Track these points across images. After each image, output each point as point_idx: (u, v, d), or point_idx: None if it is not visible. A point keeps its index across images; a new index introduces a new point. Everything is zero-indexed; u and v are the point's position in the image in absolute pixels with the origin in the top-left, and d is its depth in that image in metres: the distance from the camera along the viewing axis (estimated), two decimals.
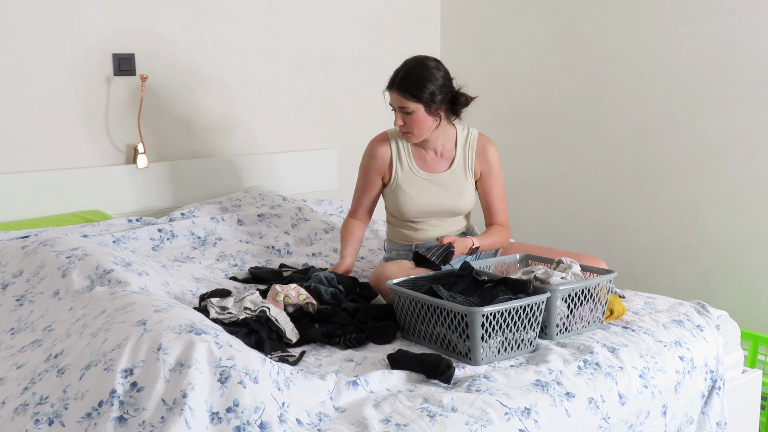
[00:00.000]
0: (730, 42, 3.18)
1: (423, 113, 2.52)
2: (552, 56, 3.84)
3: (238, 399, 1.54)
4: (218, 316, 2.02)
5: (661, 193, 3.48)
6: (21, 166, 3.00)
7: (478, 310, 1.90)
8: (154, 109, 3.30)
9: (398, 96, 2.51)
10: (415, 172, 2.64)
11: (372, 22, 3.99)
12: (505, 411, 1.71)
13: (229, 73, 3.52)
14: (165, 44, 3.30)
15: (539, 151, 3.96)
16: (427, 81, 2.50)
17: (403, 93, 2.50)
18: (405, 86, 2.50)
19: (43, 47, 3.00)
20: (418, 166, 2.65)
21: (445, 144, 2.66)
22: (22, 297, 2.13)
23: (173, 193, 3.34)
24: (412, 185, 2.63)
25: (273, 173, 3.64)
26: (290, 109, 3.74)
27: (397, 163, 2.64)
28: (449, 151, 2.67)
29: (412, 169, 2.64)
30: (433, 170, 2.66)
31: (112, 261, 2.16)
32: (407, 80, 2.51)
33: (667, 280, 3.47)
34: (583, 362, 1.96)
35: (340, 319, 2.14)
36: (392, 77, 2.55)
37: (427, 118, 2.54)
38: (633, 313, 2.33)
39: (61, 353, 1.74)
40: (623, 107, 3.58)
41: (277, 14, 3.64)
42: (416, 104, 2.50)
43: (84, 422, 1.52)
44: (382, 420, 1.63)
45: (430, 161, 2.66)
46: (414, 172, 2.64)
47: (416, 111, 2.51)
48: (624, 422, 1.93)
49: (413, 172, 2.64)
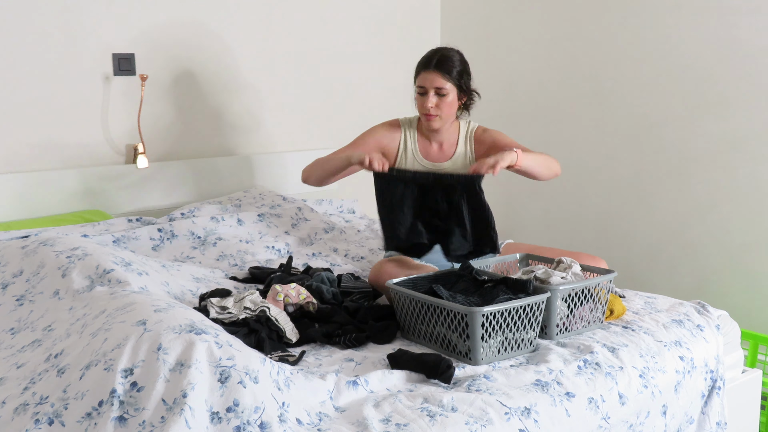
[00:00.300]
0: (731, 42, 3.18)
1: (455, 96, 2.60)
2: (552, 56, 3.84)
3: (238, 399, 1.54)
4: (218, 316, 2.03)
5: (662, 193, 3.48)
6: (21, 166, 3.01)
7: (478, 310, 1.90)
8: (154, 109, 3.30)
9: (437, 75, 2.56)
10: (418, 160, 2.71)
11: (372, 22, 3.99)
12: (505, 411, 1.71)
13: (229, 74, 3.52)
14: (165, 44, 3.30)
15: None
16: (461, 66, 2.61)
17: (443, 73, 2.56)
18: (445, 67, 2.57)
19: (43, 47, 3.00)
20: (422, 154, 2.71)
21: (449, 137, 2.72)
22: (22, 297, 2.13)
23: (173, 193, 3.34)
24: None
25: (273, 173, 3.64)
26: (291, 109, 3.74)
27: (403, 151, 2.70)
28: (451, 144, 2.73)
29: (415, 157, 2.71)
30: (435, 160, 2.72)
31: (112, 261, 2.16)
32: (445, 61, 2.58)
33: (667, 280, 3.47)
34: (583, 362, 1.96)
35: (340, 319, 2.14)
36: (427, 59, 2.61)
37: (455, 102, 2.62)
38: (633, 313, 2.33)
39: (61, 353, 1.74)
40: (623, 107, 3.59)
41: (278, 14, 3.64)
42: (452, 85, 2.58)
43: (84, 422, 1.52)
44: (382, 420, 1.63)
45: (433, 152, 2.72)
46: (417, 161, 2.71)
47: (450, 93, 2.58)
48: (624, 422, 1.93)
49: (416, 161, 2.71)
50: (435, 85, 2.57)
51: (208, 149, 3.49)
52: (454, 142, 2.73)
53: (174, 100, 3.37)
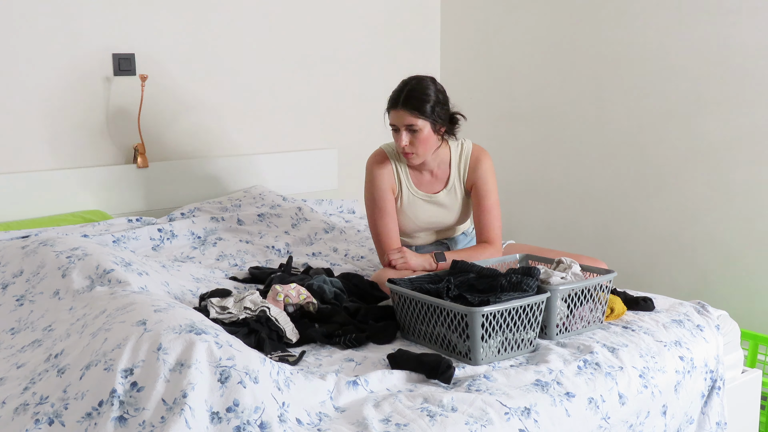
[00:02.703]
0: (729, 43, 3.18)
1: (429, 131, 2.50)
2: (552, 57, 3.84)
3: (238, 399, 1.54)
4: (218, 316, 2.03)
5: (661, 194, 3.48)
6: (21, 166, 3.01)
7: (478, 310, 1.90)
8: (154, 109, 3.30)
9: (406, 113, 2.46)
10: (414, 192, 2.64)
11: (372, 22, 3.99)
12: (505, 411, 1.71)
13: (229, 74, 3.52)
14: (165, 44, 3.30)
15: (539, 151, 3.96)
16: (431, 98, 2.49)
17: (411, 110, 2.46)
18: (412, 103, 2.46)
19: (43, 47, 3.00)
20: (417, 186, 2.65)
21: (440, 165, 2.64)
22: (22, 297, 2.13)
23: (173, 193, 3.34)
24: (412, 205, 2.64)
25: (273, 173, 3.64)
26: (290, 109, 3.75)
27: (398, 184, 2.63)
28: (444, 171, 2.65)
29: (410, 189, 2.64)
30: (430, 191, 2.65)
31: (112, 261, 2.16)
32: (413, 97, 2.47)
33: (667, 280, 3.47)
34: (583, 362, 1.96)
35: (340, 319, 2.14)
36: (395, 96, 2.51)
37: (432, 136, 2.51)
38: (633, 313, 2.33)
39: (61, 353, 1.74)
40: (623, 108, 3.59)
41: (278, 14, 3.64)
42: (424, 121, 2.47)
43: (84, 422, 1.52)
44: (382, 420, 1.63)
45: (426, 182, 2.65)
46: (413, 193, 2.64)
47: (423, 128, 2.48)
48: (624, 422, 1.93)
49: (412, 193, 2.64)
50: (405, 123, 2.46)
51: (207, 149, 3.49)
52: (447, 167, 2.64)
53: (174, 100, 3.37)
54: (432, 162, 2.61)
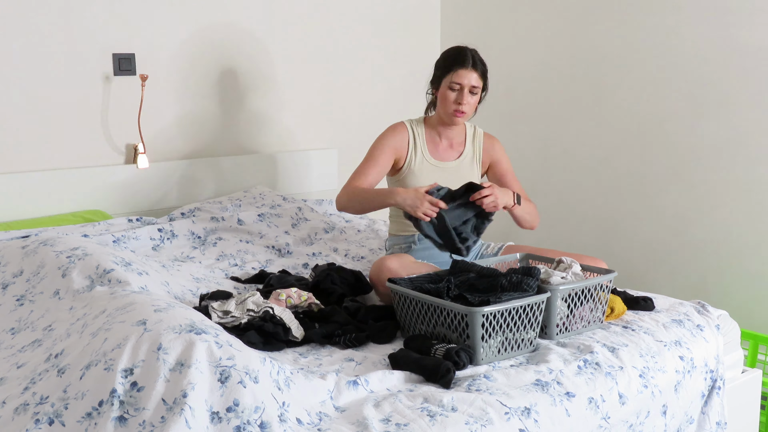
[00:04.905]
0: (729, 43, 3.18)
1: (479, 96, 2.66)
2: (552, 56, 3.84)
3: (238, 399, 1.54)
4: (221, 321, 2.01)
5: (661, 194, 3.48)
6: (21, 166, 3.00)
7: (478, 310, 1.90)
8: (154, 109, 3.29)
9: (477, 75, 2.60)
10: (427, 158, 2.71)
11: (372, 21, 3.99)
12: (505, 411, 1.71)
13: (229, 74, 3.52)
14: (165, 44, 3.30)
15: (539, 150, 3.96)
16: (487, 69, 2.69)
17: (481, 73, 2.62)
18: (481, 68, 2.63)
19: (43, 47, 3.00)
20: (430, 153, 2.72)
21: (457, 136, 2.75)
22: (22, 297, 2.13)
23: (173, 193, 3.34)
24: (423, 171, 2.69)
25: (273, 173, 3.64)
26: (290, 109, 3.74)
27: (412, 149, 2.71)
28: (459, 143, 2.76)
29: (424, 155, 2.71)
30: (443, 158, 2.73)
31: (112, 261, 2.16)
32: (482, 62, 2.65)
33: (668, 280, 3.47)
34: (583, 362, 1.96)
35: (340, 319, 2.14)
36: (463, 56, 2.61)
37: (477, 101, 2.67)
38: (633, 313, 2.33)
39: (62, 353, 1.74)
40: (623, 107, 3.58)
41: (277, 14, 3.64)
42: (483, 85, 2.65)
43: (84, 422, 1.52)
44: (383, 420, 1.63)
45: (441, 150, 2.74)
46: (426, 159, 2.71)
47: (479, 93, 2.64)
48: (624, 422, 1.93)
49: (425, 158, 2.71)
50: (473, 84, 2.60)
51: (208, 149, 3.49)
52: (462, 141, 2.77)
53: (174, 100, 3.37)
54: (455, 130, 2.73)
